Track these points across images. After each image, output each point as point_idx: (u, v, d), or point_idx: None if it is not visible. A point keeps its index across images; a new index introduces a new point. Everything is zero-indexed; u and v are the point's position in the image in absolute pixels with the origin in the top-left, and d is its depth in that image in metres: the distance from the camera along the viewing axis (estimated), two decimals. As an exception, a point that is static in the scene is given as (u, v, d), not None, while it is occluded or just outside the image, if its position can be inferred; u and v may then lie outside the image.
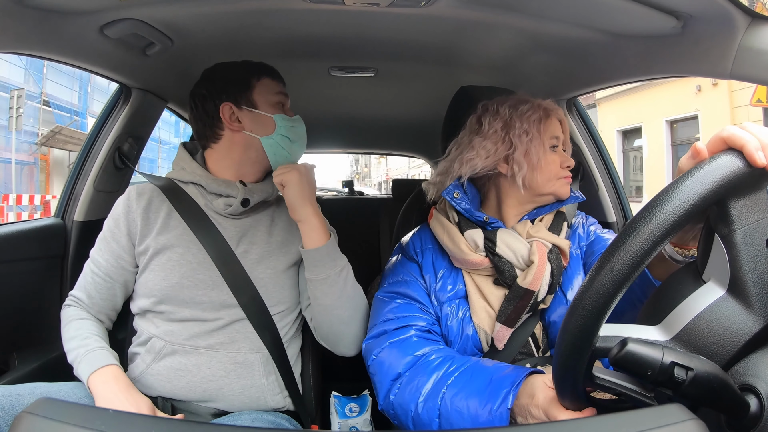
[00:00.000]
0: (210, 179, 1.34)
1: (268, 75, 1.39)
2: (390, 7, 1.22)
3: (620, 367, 0.59)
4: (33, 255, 1.64)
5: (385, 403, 1.15)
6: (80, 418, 0.52)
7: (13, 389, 1.12)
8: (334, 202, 3.48)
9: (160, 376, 1.25)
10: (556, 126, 1.29)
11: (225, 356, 1.26)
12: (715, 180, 0.62)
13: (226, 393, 1.25)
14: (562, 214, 1.33)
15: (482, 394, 0.98)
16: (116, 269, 1.32)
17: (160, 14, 1.32)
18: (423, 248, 1.36)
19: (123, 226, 1.32)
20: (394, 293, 1.30)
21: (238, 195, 1.31)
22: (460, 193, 1.28)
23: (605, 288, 0.61)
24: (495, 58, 1.69)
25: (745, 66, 1.03)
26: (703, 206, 0.61)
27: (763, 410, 0.60)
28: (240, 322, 1.29)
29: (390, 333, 1.23)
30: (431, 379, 1.08)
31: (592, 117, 8.67)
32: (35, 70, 13.98)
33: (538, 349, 1.24)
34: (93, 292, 1.34)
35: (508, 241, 1.23)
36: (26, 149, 14.38)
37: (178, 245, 1.29)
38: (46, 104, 14.58)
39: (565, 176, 1.28)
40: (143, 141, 1.91)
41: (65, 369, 1.65)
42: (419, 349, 1.17)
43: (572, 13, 1.25)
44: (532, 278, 1.18)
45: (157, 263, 1.29)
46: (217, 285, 1.28)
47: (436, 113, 1.62)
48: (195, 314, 1.27)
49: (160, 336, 1.27)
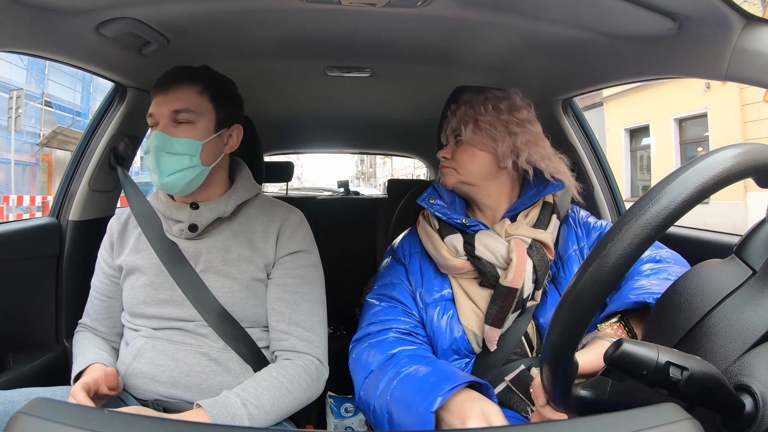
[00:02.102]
0: (166, 206, 1.34)
1: (154, 89, 1.32)
2: (386, 7, 1.22)
3: (615, 366, 0.60)
4: (28, 255, 1.63)
5: (358, 399, 1.18)
6: (75, 418, 0.52)
7: (8, 395, 1.14)
8: (329, 203, 3.48)
9: (142, 374, 1.27)
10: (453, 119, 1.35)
11: (198, 351, 1.28)
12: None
13: (205, 389, 1.26)
14: (549, 205, 1.32)
15: (419, 392, 0.99)
16: (110, 287, 1.40)
17: (157, 13, 1.31)
18: (411, 251, 1.37)
19: (108, 244, 1.42)
20: (381, 295, 1.33)
21: (185, 220, 1.32)
22: (435, 198, 1.31)
23: (595, 284, 0.61)
24: (491, 58, 1.69)
25: (740, 67, 1.04)
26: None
27: (758, 410, 0.60)
28: (208, 327, 1.30)
29: (373, 335, 1.26)
30: (390, 373, 1.10)
31: (598, 116, 8.71)
32: (37, 71, 14.00)
33: (532, 350, 1.24)
34: (93, 314, 1.41)
35: (486, 242, 1.23)
36: (28, 150, 14.39)
37: (144, 266, 1.33)
38: (48, 105, 14.57)
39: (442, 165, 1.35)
40: (139, 141, 1.90)
41: (61, 369, 1.65)
42: (394, 348, 1.19)
43: (568, 13, 1.25)
44: (512, 276, 1.18)
45: (128, 283, 1.35)
46: (179, 303, 1.29)
47: (432, 113, 1.62)
48: (165, 323, 1.30)
49: (139, 336, 1.31)
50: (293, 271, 1.35)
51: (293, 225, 1.38)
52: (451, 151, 1.33)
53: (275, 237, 1.35)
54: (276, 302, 1.32)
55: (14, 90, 12.91)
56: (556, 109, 1.91)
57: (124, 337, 1.37)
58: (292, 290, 1.33)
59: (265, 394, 1.17)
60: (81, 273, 1.75)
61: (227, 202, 1.34)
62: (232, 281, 1.31)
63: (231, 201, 1.35)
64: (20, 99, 12.79)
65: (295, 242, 1.36)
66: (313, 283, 1.37)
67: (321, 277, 1.41)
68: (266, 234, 1.35)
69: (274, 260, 1.35)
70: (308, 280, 1.36)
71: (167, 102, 1.27)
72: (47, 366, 1.60)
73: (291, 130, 2.99)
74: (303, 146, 3.79)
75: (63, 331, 1.72)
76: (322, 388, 1.32)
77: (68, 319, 1.71)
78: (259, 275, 1.33)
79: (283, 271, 1.34)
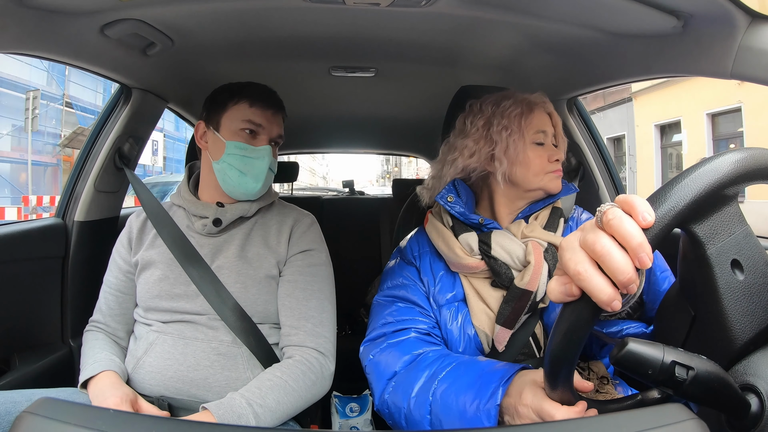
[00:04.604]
0: (191, 203, 1.43)
1: (247, 99, 1.39)
2: (390, 7, 1.22)
3: (621, 366, 0.59)
4: (33, 255, 1.64)
5: (380, 403, 1.15)
6: (81, 418, 0.52)
7: (10, 395, 1.16)
8: (334, 203, 3.48)
9: (151, 368, 1.29)
10: (541, 119, 1.28)
11: (208, 346, 1.30)
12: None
13: (212, 384, 1.27)
14: (558, 210, 1.31)
15: (471, 388, 0.97)
16: (125, 282, 1.44)
17: (161, 14, 1.32)
18: (420, 252, 1.35)
19: (125, 240, 1.46)
20: (393, 297, 1.31)
21: (210, 216, 1.39)
22: (453, 197, 1.28)
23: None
24: (495, 57, 1.69)
25: (745, 66, 1.03)
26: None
27: (764, 410, 0.60)
28: (220, 320, 1.33)
29: (389, 335, 1.23)
30: (424, 374, 1.08)
31: (627, 111, 8.52)
32: (58, 73, 14.31)
33: (540, 350, 1.23)
34: (106, 310, 1.44)
35: (502, 242, 1.22)
36: (50, 151, 14.60)
37: (160, 262, 1.38)
38: (69, 106, 14.74)
39: (554, 170, 1.27)
40: (143, 141, 1.91)
41: (66, 369, 1.66)
42: (418, 348, 1.17)
43: (573, 12, 1.24)
44: (529, 279, 1.16)
45: (143, 277, 1.39)
46: (192, 297, 1.33)
47: (437, 113, 1.62)
48: (178, 317, 1.34)
49: (151, 330, 1.34)
50: (304, 268, 1.40)
51: (305, 225, 1.46)
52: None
53: (288, 235, 1.42)
54: (286, 298, 1.37)
55: (31, 91, 13.00)
56: (561, 108, 1.90)
57: (134, 332, 1.40)
58: (302, 287, 1.38)
59: (270, 394, 1.19)
60: (86, 273, 1.76)
61: (252, 204, 1.43)
62: (245, 277, 1.35)
63: (255, 204, 1.44)
64: (36, 100, 12.86)
65: (306, 241, 1.43)
66: (323, 280, 1.42)
67: (331, 276, 1.46)
68: (280, 233, 1.43)
69: (286, 258, 1.41)
70: (318, 278, 1.41)
71: (276, 124, 1.43)
72: (52, 366, 1.61)
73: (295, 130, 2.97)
74: (307, 146, 3.79)
75: (68, 331, 1.72)
76: (328, 386, 1.34)
77: (74, 319, 1.72)
78: (272, 272, 1.38)
79: (294, 269, 1.40)
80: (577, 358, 0.67)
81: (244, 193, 1.40)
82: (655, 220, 0.58)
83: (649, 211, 0.58)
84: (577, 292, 0.60)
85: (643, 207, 0.58)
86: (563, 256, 0.62)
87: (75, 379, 1.29)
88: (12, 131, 13.80)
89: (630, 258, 0.57)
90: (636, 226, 0.57)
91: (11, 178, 14.12)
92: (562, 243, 0.63)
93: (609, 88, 1.78)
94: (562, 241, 0.63)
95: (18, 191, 13.70)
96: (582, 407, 0.80)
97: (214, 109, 1.41)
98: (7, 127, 13.67)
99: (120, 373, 1.28)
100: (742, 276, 0.65)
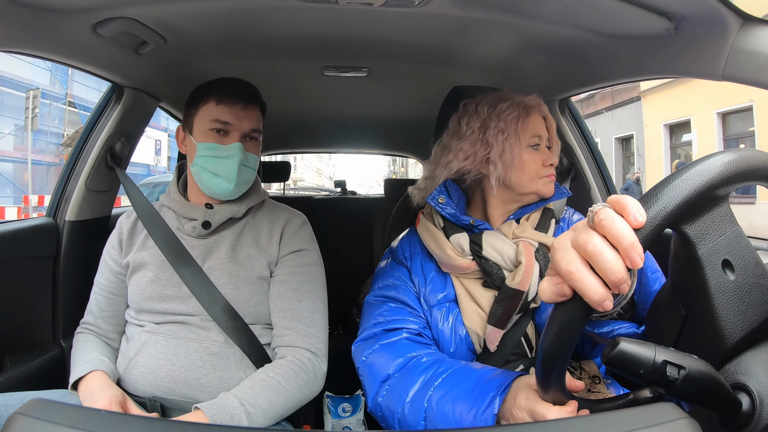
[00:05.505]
0: (181, 204, 1.42)
1: (215, 97, 1.36)
2: (383, 7, 1.21)
3: (613, 366, 0.60)
4: (24, 255, 1.62)
5: (373, 405, 1.15)
6: (72, 419, 0.52)
7: (1, 398, 1.15)
8: (326, 203, 3.47)
9: (144, 368, 1.28)
10: (536, 123, 1.27)
11: (201, 346, 1.30)
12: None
13: (204, 384, 1.27)
14: (549, 210, 1.32)
15: (468, 397, 0.97)
16: (116, 284, 1.43)
17: (153, 13, 1.31)
18: (412, 252, 1.35)
19: (116, 241, 1.45)
20: (384, 297, 1.31)
21: (199, 218, 1.37)
22: (444, 198, 1.28)
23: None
24: (488, 57, 1.69)
25: (737, 67, 1.04)
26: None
27: (755, 408, 0.60)
28: (212, 321, 1.32)
29: (380, 335, 1.23)
30: (419, 380, 1.07)
31: (636, 111, 8.43)
32: (61, 72, 14.36)
33: (532, 350, 1.23)
34: (97, 312, 1.42)
35: (494, 243, 1.22)
36: (53, 150, 14.55)
37: (151, 263, 1.37)
38: (72, 105, 14.67)
39: (547, 175, 1.27)
40: (135, 140, 1.90)
41: (58, 370, 1.65)
42: (410, 351, 1.17)
43: (565, 13, 1.25)
44: (520, 278, 1.17)
45: (134, 279, 1.38)
46: (184, 299, 1.33)
47: (430, 113, 1.62)
48: (170, 318, 1.33)
49: (143, 331, 1.33)
50: (295, 269, 1.40)
51: (296, 226, 1.45)
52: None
53: (279, 236, 1.42)
54: (278, 299, 1.36)
55: (31, 90, 12.89)
56: (553, 108, 1.90)
57: (126, 334, 1.40)
58: (294, 287, 1.37)
59: (262, 394, 1.19)
60: (78, 273, 1.75)
61: (240, 204, 1.41)
62: (237, 279, 1.35)
63: (244, 204, 1.42)
64: (37, 99, 12.74)
65: (297, 241, 1.42)
66: (314, 281, 1.41)
67: (322, 276, 1.46)
68: (271, 233, 1.42)
69: (278, 258, 1.40)
70: (310, 278, 1.41)
71: (246, 118, 1.37)
72: (44, 367, 1.59)
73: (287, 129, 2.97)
74: (300, 146, 3.79)
75: (60, 331, 1.71)
76: (320, 386, 1.33)
77: (65, 319, 1.71)
78: (263, 273, 1.37)
79: (286, 269, 1.39)
80: (569, 358, 0.67)
81: (220, 194, 1.37)
82: (647, 221, 0.58)
83: (641, 211, 0.58)
84: (568, 292, 0.60)
85: (635, 207, 0.58)
86: (555, 255, 0.62)
87: (67, 380, 1.28)
88: (14, 131, 13.76)
89: (621, 258, 0.57)
90: (627, 226, 0.57)
91: (13, 177, 14.11)
92: (554, 243, 0.63)
93: (617, 86, 1.79)
94: (554, 241, 0.63)
95: (20, 191, 13.67)
96: (573, 407, 0.81)
97: (188, 111, 1.40)
98: (9, 127, 13.63)
99: (109, 374, 1.27)
100: (733, 276, 0.66)
